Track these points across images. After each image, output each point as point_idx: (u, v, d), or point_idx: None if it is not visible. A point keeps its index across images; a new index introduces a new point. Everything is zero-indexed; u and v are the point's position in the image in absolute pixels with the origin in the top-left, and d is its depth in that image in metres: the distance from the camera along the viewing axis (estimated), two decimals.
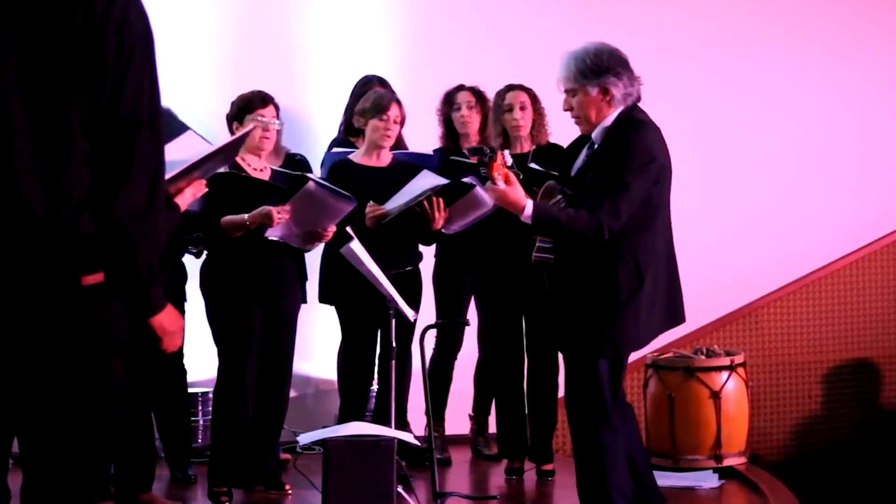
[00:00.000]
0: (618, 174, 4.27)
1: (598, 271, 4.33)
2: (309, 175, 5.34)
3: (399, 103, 5.60)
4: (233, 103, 5.36)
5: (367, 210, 5.47)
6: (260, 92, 5.33)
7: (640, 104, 4.48)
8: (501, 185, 4.27)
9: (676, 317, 4.54)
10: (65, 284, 2.48)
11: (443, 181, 5.42)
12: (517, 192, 4.29)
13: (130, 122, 2.51)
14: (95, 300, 2.51)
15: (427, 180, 5.45)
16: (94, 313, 2.52)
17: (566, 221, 4.27)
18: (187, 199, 2.79)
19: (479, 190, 5.46)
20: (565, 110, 4.49)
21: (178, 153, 3.09)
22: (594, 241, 4.26)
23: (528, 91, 5.76)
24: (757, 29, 7.45)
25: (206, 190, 3.01)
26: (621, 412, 4.48)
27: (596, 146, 4.42)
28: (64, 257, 2.48)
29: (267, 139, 5.31)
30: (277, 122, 5.32)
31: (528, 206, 4.27)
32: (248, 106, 5.28)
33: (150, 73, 2.56)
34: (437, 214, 5.45)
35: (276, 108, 5.35)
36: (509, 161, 4.42)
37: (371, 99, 5.65)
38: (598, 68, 4.35)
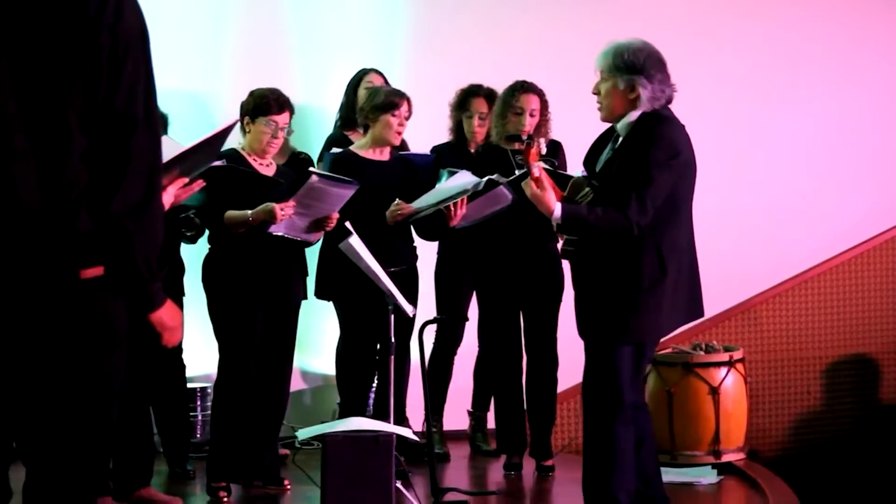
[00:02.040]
0: (643, 168, 4.32)
1: (622, 260, 4.38)
2: (312, 170, 5.33)
3: (409, 100, 5.59)
4: (251, 94, 5.30)
5: (394, 207, 5.46)
6: (279, 96, 5.27)
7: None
8: (536, 172, 4.37)
9: (697, 310, 4.60)
10: (63, 278, 2.48)
11: (481, 180, 5.41)
12: (549, 195, 4.38)
13: (126, 119, 2.51)
14: (94, 294, 2.51)
15: (466, 179, 5.44)
16: (92, 307, 2.52)
17: (594, 221, 4.34)
18: (170, 197, 2.79)
19: (503, 188, 5.45)
20: (593, 93, 4.52)
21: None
22: (623, 237, 4.32)
23: (541, 95, 5.71)
24: (757, 27, 7.44)
25: (204, 184, 3.02)
26: (637, 411, 4.51)
27: (621, 139, 4.46)
28: (62, 252, 2.48)
29: (273, 145, 5.29)
30: (288, 129, 5.30)
31: (558, 208, 4.36)
32: (264, 108, 5.23)
33: (146, 70, 2.56)
34: (458, 212, 5.45)
35: (292, 111, 5.32)
36: (543, 150, 4.47)
37: (381, 95, 5.61)
38: (633, 66, 4.40)
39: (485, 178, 5.44)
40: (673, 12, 7.22)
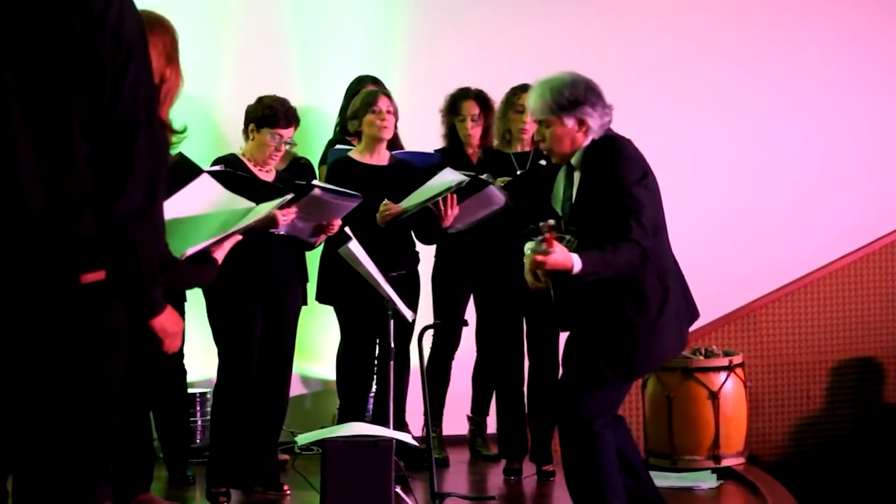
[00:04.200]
0: (626, 191, 4.21)
1: (626, 290, 4.28)
2: (314, 183, 5.34)
3: (388, 95, 5.63)
4: (260, 102, 5.29)
5: (382, 208, 5.47)
6: (289, 109, 5.27)
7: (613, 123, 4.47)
8: (557, 251, 4.11)
9: (694, 314, 4.56)
10: (64, 282, 2.48)
11: (465, 177, 5.43)
12: (565, 254, 4.15)
13: (129, 124, 2.52)
14: (94, 298, 2.51)
15: (449, 176, 5.46)
16: (92, 311, 2.52)
17: (612, 259, 4.18)
18: (225, 251, 2.91)
19: (493, 187, 5.47)
20: (536, 140, 4.47)
21: (195, 198, 3.14)
22: (641, 265, 4.21)
23: None
24: (756, 28, 7.45)
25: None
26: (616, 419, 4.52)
27: (578, 173, 4.39)
28: (63, 256, 2.48)
29: (274, 158, 5.30)
30: (291, 143, 5.31)
31: (577, 262, 4.13)
32: (272, 119, 5.23)
33: (146, 76, 2.57)
34: (449, 212, 5.46)
35: (297, 125, 5.32)
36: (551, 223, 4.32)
37: (359, 99, 5.69)
38: (576, 100, 4.32)
39: (469, 176, 5.45)
40: (667, 17, 7.23)
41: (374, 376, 5.76)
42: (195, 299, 5.46)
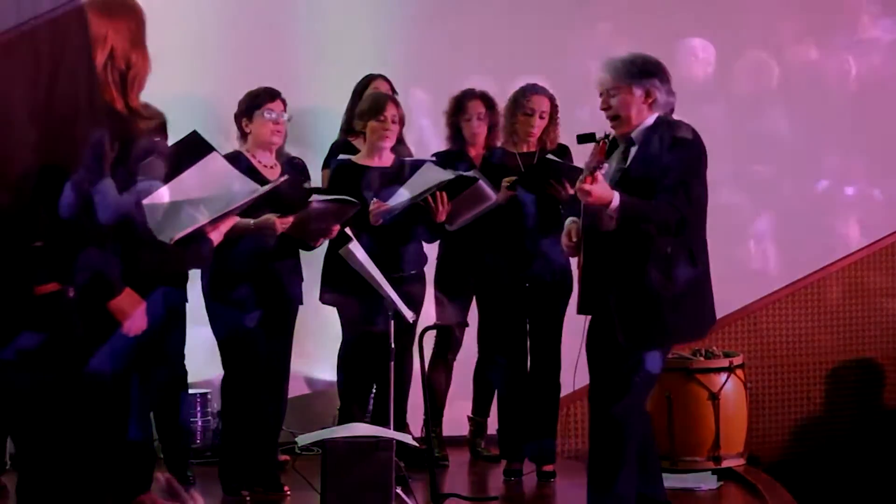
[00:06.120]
0: (683, 164, 4.34)
1: (653, 259, 4.37)
2: (314, 197, 5.34)
3: (396, 102, 5.62)
4: (241, 102, 5.36)
5: (372, 208, 5.47)
6: (268, 88, 5.35)
7: None
8: (606, 167, 4.22)
9: (713, 316, 4.65)
10: (18, 294, 2.48)
11: (448, 175, 5.46)
12: (607, 188, 4.24)
13: (70, 108, 2.50)
14: (48, 310, 2.51)
15: (432, 174, 5.48)
16: (47, 322, 2.51)
17: (649, 208, 4.30)
18: (222, 232, 2.85)
19: (482, 184, 5.49)
20: (603, 109, 4.52)
21: (204, 176, 3.15)
22: (675, 230, 4.32)
23: (551, 99, 5.75)
24: (756, 27, 7.45)
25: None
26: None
27: (636, 147, 4.45)
28: (18, 266, 2.47)
29: (277, 133, 5.33)
30: (286, 115, 5.34)
31: (616, 197, 4.24)
32: (256, 102, 5.31)
33: (87, 57, 2.55)
34: (440, 208, 5.47)
35: (284, 102, 5.37)
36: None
37: (367, 100, 5.68)
38: (648, 71, 4.44)
39: (454, 175, 5.48)
40: (665, 12, 7.22)
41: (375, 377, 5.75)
42: (196, 300, 5.45)
